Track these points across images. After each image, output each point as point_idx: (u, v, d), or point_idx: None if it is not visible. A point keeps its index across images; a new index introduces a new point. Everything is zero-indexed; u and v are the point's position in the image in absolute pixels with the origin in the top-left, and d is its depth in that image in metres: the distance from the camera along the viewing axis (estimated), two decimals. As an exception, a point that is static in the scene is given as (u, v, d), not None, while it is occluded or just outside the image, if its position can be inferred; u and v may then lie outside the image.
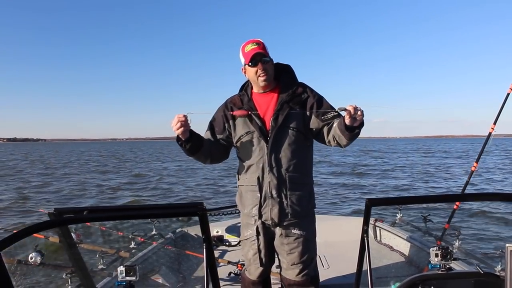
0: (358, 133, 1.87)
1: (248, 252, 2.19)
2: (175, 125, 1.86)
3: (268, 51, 2.05)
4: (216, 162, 2.23)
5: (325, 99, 2.10)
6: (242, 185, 2.14)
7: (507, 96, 3.34)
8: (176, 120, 1.86)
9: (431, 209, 6.52)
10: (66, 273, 2.44)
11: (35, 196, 12.65)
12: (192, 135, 1.96)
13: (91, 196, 12.84)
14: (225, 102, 2.19)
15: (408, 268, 3.27)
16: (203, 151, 2.06)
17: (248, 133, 2.05)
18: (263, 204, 2.04)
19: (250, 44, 2.03)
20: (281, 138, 2.01)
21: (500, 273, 1.62)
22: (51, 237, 3.20)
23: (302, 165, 2.06)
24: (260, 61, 2.00)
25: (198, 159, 2.11)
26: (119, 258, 3.13)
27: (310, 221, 2.15)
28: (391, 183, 14.11)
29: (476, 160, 3.61)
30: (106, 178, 18.46)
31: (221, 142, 2.18)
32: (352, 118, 1.76)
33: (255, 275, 2.20)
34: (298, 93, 2.06)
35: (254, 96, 2.13)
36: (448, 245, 2.47)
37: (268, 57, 2.04)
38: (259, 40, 2.06)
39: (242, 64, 2.10)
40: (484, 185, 12.35)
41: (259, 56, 2.00)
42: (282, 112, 2.00)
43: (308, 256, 2.10)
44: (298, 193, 2.04)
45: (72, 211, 1.54)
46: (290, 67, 2.17)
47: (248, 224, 2.17)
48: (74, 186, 15.44)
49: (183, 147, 1.98)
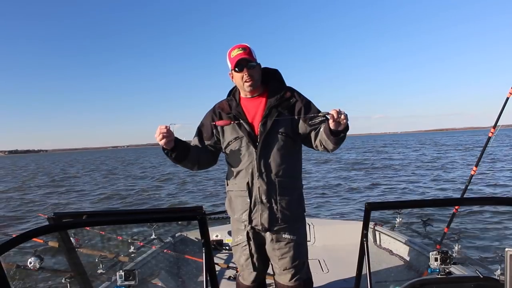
0: (344, 137, 1.87)
1: (240, 258, 2.19)
2: (158, 136, 1.86)
3: (255, 56, 2.04)
4: (204, 168, 2.21)
5: (313, 104, 2.10)
6: (232, 190, 2.13)
7: (506, 100, 3.34)
8: (158, 131, 1.85)
9: (431, 213, 6.52)
10: (65, 278, 2.44)
11: (35, 201, 12.64)
12: (178, 144, 1.96)
13: (93, 201, 12.83)
14: (213, 107, 2.19)
15: (407, 272, 3.27)
16: (190, 159, 2.05)
17: (237, 138, 2.05)
18: (253, 210, 2.04)
19: (236, 50, 2.02)
20: (270, 143, 2.01)
21: (500, 278, 1.62)
22: (50, 241, 3.19)
23: (291, 170, 2.06)
24: (246, 66, 2.00)
25: (185, 166, 2.10)
26: (118, 263, 3.13)
27: (300, 225, 2.15)
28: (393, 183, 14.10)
29: (476, 164, 3.61)
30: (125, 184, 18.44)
31: (209, 148, 2.17)
32: (336, 122, 1.76)
33: (249, 280, 2.20)
34: (286, 98, 2.06)
35: (242, 101, 2.12)
36: (448, 249, 2.47)
37: (254, 62, 2.03)
38: (245, 45, 2.05)
39: (229, 69, 2.09)
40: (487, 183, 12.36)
41: (244, 61, 2.00)
42: (271, 117, 2.00)
43: (300, 261, 2.10)
44: (288, 198, 2.03)
45: (71, 215, 1.54)
46: (278, 72, 2.17)
47: (238, 230, 2.16)
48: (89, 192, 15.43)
49: (168, 156, 1.98)
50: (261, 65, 2.10)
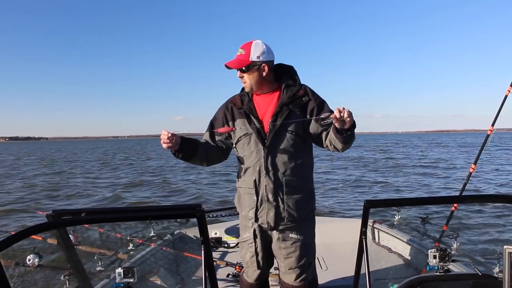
0: (352, 135, 1.85)
1: (245, 255, 2.19)
2: (162, 143, 1.89)
3: (256, 56, 1.99)
4: (214, 164, 2.22)
5: (326, 104, 2.07)
6: (241, 187, 2.14)
7: (505, 98, 3.34)
8: (162, 139, 1.89)
9: (430, 210, 6.53)
10: (64, 275, 2.44)
11: (35, 198, 12.62)
12: (184, 144, 1.97)
13: (92, 198, 12.82)
14: (226, 102, 2.18)
15: (406, 269, 3.27)
16: (198, 156, 2.06)
17: (246, 135, 2.04)
18: (260, 208, 2.03)
19: (239, 49, 2.03)
20: (279, 141, 1.99)
21: (498, 275, 1.63)
22: (49, 238, 3.19)
23: (300, 169, 2.03)
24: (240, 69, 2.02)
25: (194, 163, 2.12)
26: (117, 260, 3.13)
27: (308, 225, 2.13)
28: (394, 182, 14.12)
29: (474, 162, 3.62)
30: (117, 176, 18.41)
31: (219, 144, 2.17)
32: (341, 121, 1.74)
33: (253, 278, 2.20)
34: (299, 96, 2.03)
35: (254, 97, 2.12)
36: (446, 246, 2.48)
37: (242, 67, 2.00)
38: (248, 44, 2.02)
39: None
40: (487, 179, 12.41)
41: (227, 67, 2.01)
42: (281, 115, 1.98)
43: (306, 261, 2.09)
44: (296, 197, 2.02)
45: (70, 213, 1.54)
46: (293, 69, 2.14)
47: (246, 227, 2.16)
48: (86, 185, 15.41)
49: (175, 156, 2.00)
50: (267, 64, 2.03)
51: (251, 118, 2.03)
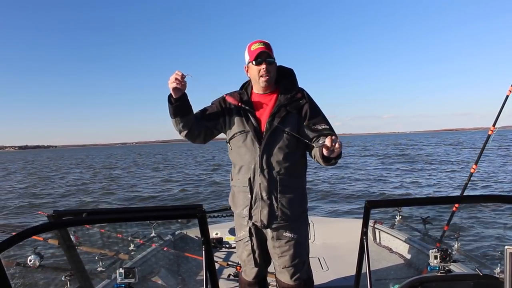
0: (335, 163, 1.91)
1: (242, 253, 2.20)
2: (172, 82, 1.86)
3: (273, 53, 2.06)
4: (192, 139, 2.15)
5: (319, 109, 2.11)
6: (235, 185, 2.15)
7: (506, 98, 3.34)
8: (173, 76, 1.85)
9: (430, 211, 6.52)
10: (65, 276, 2.44)
11: (36, 199, 12.64)
12: (184, 99, 1.95)
13: (92, 198, 12.83)
14: (223, 95, 2.17)
15: (407, 270, 3.27)
16: (186, 120, 2.01)
17: (242, 132, 2.06)
18: (254, 206, 2.05)
19: (257, 43, 2.04)
20: (274, 141, 2.01)
21: (499, 275, 1.62)
22: (50, 239, 3.19)
23: (294, 168, 2.06)
24: (265, 60, 2.01)
25: (176, 124, 2.04)
26: (118, 260, 3.13)
27: (301, 224, 2.14)
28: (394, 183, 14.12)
29: (476, 162, 3.62)
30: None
31: (203, 128, 2.12)
32: (329, 150, 1.77)
33: (251, 276, 2.21)
34: (297, 98, 2.07)
35: (253, 96, 2.14)
36: (447, 247, 2.47)
37: (272, 58, 2.05)
38: (266, 41, 2.07)
39: (245, 62, 2.10)
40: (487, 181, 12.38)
41: (264, 55, 2.01)
42: (279, 115, 2.01)
43: (299, 260, 2.10)
44: (289, 196, 2.04)
45: (71, 213, 1.54)
46: (292, 71, 2.18)
47: (241, 225, 2.17)
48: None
49: (170, 104, 1.96)
50: (277, 63, 2.10)
51: (249, 116, 2.05)
